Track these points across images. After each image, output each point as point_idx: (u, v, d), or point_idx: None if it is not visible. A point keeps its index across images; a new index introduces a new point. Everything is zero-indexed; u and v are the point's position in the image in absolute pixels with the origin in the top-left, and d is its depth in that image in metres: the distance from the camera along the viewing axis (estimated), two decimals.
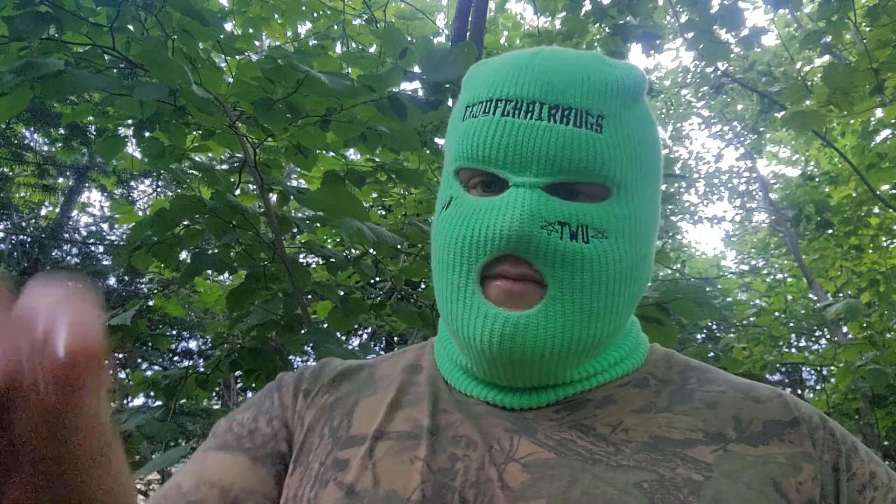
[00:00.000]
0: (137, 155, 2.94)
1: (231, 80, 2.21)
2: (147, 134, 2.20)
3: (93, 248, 8.34)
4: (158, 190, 7.87)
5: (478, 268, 0.61)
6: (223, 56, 2.69)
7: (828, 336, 8.74)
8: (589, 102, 0.61)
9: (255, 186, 2.35)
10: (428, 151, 2.91)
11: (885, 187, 6.52)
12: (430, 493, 0.58)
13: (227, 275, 2.73)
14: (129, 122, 2.18)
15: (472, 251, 0.61)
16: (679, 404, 0.64)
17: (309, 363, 0.82)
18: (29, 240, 8.07)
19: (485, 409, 0.65)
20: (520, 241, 0.58)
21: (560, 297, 0.60)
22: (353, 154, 3.77)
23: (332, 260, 2.26)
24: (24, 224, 8.26)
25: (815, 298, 8.36)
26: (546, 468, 0.59)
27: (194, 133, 2.31)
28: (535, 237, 0.58)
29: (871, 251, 7.32)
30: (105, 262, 7.97)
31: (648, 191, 0.66)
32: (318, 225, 2.43)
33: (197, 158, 2.69)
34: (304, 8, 5.11)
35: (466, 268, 0.62)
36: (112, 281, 8.37)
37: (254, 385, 2.30)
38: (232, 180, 2.38)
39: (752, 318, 8.06)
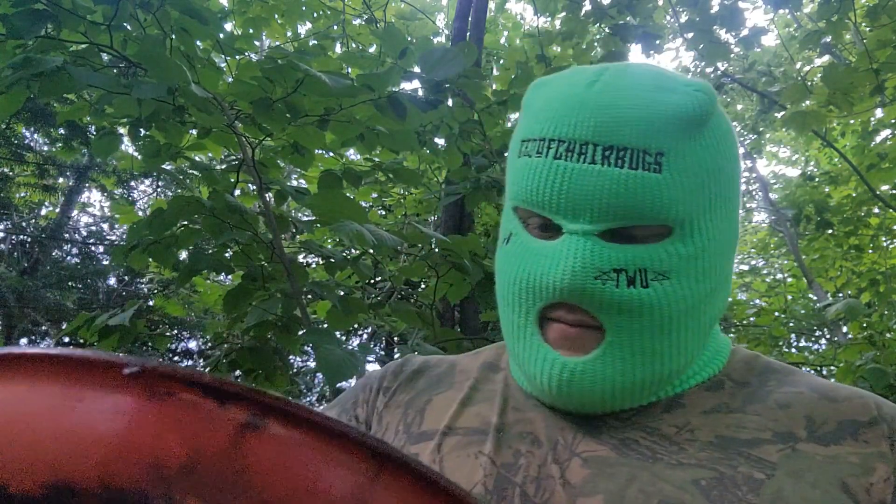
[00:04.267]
0: (137, 155, 2.94)
1: (231, 80, 2.21)
2: (143, 132, 2.20)
3: (93, 248, 8.34)
4: (158, 190, 7.87)
5: (536, 310, 0.60)
6: (223, 56, 2.69)
7: (828, 336, 8.74)
8: (646, 140, 0.57)
9: (254, 186, 2.35)
10: (428, 151, 2.91)
11: (885, 187, 6.52)
12: (492, 486, 0.59)
13: (227, 275, 2.73)
14: (125, 120, 2.17)
15: (529, 295, 0.60)
16: (752, 405, 0.62)
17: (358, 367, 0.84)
18: (29, 240, 8.07)
19: (552, 411, 0.65)
20: (573, 293, 0.57)
21: (618, 342, 0.58)
22: (353, 154, 3.77)
23: (332, 260, 2.26)
24: (24, 224, 8.26)
25: (815, 298, 8.35)
26: (605, 465, 0.58)
27: (191, 132, 2.31)
28: (589, 289, 0.56)
29: (871, 251, 7.32)
30: (105, 262, 7.97)
31: (718, 221, 0.62)
32: (318, 225, 2.43)
33: (197, 158, 2.69)
34: (304, 8, 5.12)
35: (525, 309, 0.61)
36: (112, 281, 8.37)
37: (253, 385, 2.29)
38: (232, 180, 2.38)
39: (752, 318, 8.06)
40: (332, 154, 3.01)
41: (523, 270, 0.61)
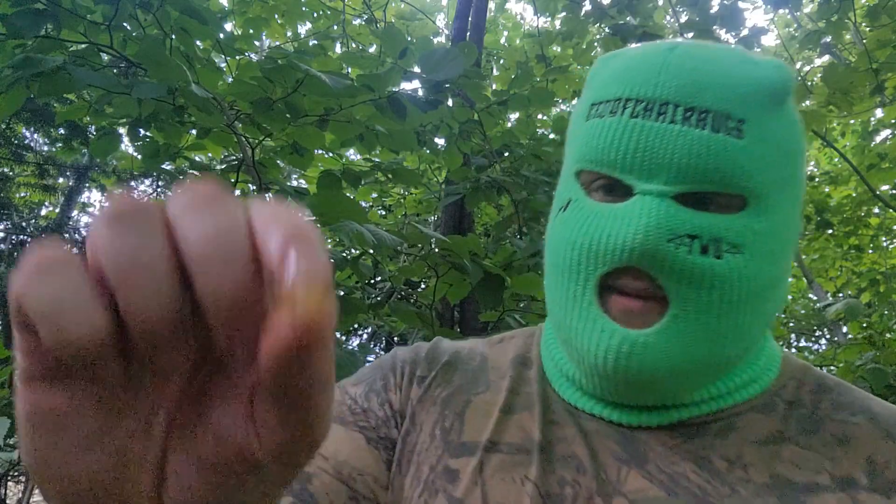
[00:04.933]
0: (137, 155, 2.94)
1: (231, 80, 2.21)
2: (143, 132, 2.20)
3: None
4: (158, 190, 7.87)
5: (596, 278, 0.56)
6: (223, 56, 2.69)
7: (828, 336, 8.74)
8: (728, 105, 0.55)
9: (254, 186, 2.35)
10: (428, 151, 2.91)
11: (884, 187, 6.52)
12: None
13: None
14: (125, 120, 2.17)
15: (591, 260, 0.56)
16: (806, 435, 0.58)
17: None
18: (29, 239, 8.07)
19: (594, 424, 0.61)
20: (644, 255, 0.53)
21: (683, 316, 0.55)
22: (352, 154, 3.77)
23: (332, 260, 2.26)
24: (24, 224, 8.27)
25: (815, 298, 8.36)
26: None
27: (191, 132, 2.31)
28: (662, 251, 0.53)
29: (871, 251, 7.32)
30: None
31: (788, 204, 0.59)
32: (318, 226, 2.43)
33: (197, 158, 2.69)
34: (304, 8, 5.12)
35: (584, 277, 0.57)
36: None
37: None
38: (231, 180, 2.38)
39: None
40: (331, 154, 3.01)
41: (586, 234, 0.57)
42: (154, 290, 0.24)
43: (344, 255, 2.37)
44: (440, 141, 2.95)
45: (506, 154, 3.19)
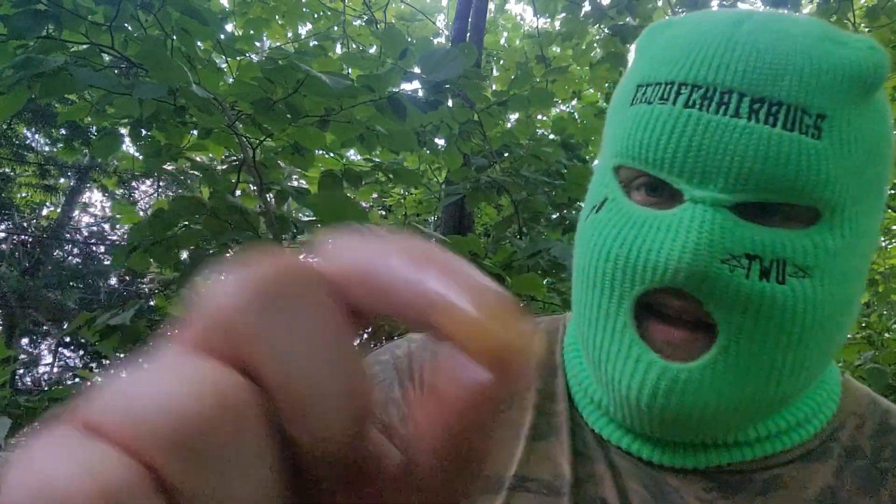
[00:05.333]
0: (138, 155, 2.95)
1: (231, 80, 2.22)
2: (144, 133, 2.21)
3: (94, 249, 8.35)
4: (159, 190, 7.88)
5: (633, 296, 0.48)
6: (224, 57, 2.70)
7: None
8: (806, 97, 0.45)
9: (255, 187, 2.36)
10: (428, 151, 2.92)
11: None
12: None
13: None
14: (126, 120, 2.18)
15: (627, 277, 0.47)
16: (863, 496, 0.49)
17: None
18: (30, 240, 8.08)
19: (624, 461, 0.53)
20: (691, 277, 0.44)
21: (735, 349, 0.46)
22: (353, 154, 3.78)
23: None
24: (25, 224, 8.28)
25: None
26: None
27: (192, 133, 2.32)
28: (713, 274, 0.44)
29: None
30: (106, 262, 7.98)
31: (869, 213, 0.50)
32: (318, 226, 2.44)
33: (198, 159, 2.70)
34: (304, 9, 5.13)
35: (619, 294, 0.48)
36: (113, 281, 8.37)
37: None
38: (232, 181, 2.39)
39: None
40: (332, 154, 3.02)
41: (622, 244, 0.48)
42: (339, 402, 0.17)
43: None
44: (440, 141, 2.96)
45: (505, 154, 3.19)
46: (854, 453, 0.52)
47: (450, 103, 2.63)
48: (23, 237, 7.92)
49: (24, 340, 7.90)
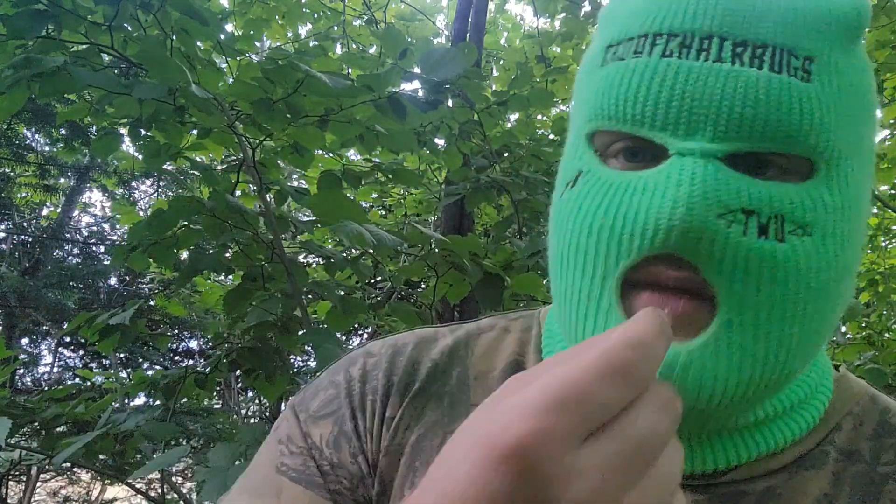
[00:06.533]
0: (138, 155, 2.95)
1: (231, 80, 2.22)
2: (144, 133, 2.21)
3: (94, 249, 8.35)
4: (159, 190, 7.88)
5: (619, 272, 0.43)
6: (223, 57, 2.70)
7: None
8: (793, 38, 0.42)
9: (254, 187, 2.36)
10: (428, 151, 2.92)
11: (883, 187, 6.53)
12: None
13: (227, 275, 2.74)
14: (126, 120, 2.18)
15: (612, 249, 0.42)
16: None
17: (362, 356, 0.61)
18: (30, 240, 8.08)
19: None
20: (686, 236, 0.39)
21: (738, 321, 0.41)
22: (353, 154, 3.78)
23: (332, 260, 2.27)
24: (25, 224, 8.27)
25: None
26: None
27: (192, 133, 2.32)
28: (710, 230, 0.39)
29: (869, 251, 7.32)
30: (106, 262, 7.98)
31: (862, 174, 0.46)
32: (318, 226, 2.44)
33: (197, 159, 2.70)
34: (304, 10, 5.13)
35: (602, 272, 0.43)
36: (113, 281, 8.37)
37: (254, 385, 2.30)
38: (232, 181, 2.39)
39: None
40: (332, 154, 3.02)
41: (605, 213, 0.43)
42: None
43: (344, 255, 2.37)
44: (440, 141, 2.96)
45: (505, 154, 3.19)
46: (852, 457, 0.49)
47: (450, 103, 2.63)
48: (23, 237, 7.92)
49: (24, 340, 7.90)
